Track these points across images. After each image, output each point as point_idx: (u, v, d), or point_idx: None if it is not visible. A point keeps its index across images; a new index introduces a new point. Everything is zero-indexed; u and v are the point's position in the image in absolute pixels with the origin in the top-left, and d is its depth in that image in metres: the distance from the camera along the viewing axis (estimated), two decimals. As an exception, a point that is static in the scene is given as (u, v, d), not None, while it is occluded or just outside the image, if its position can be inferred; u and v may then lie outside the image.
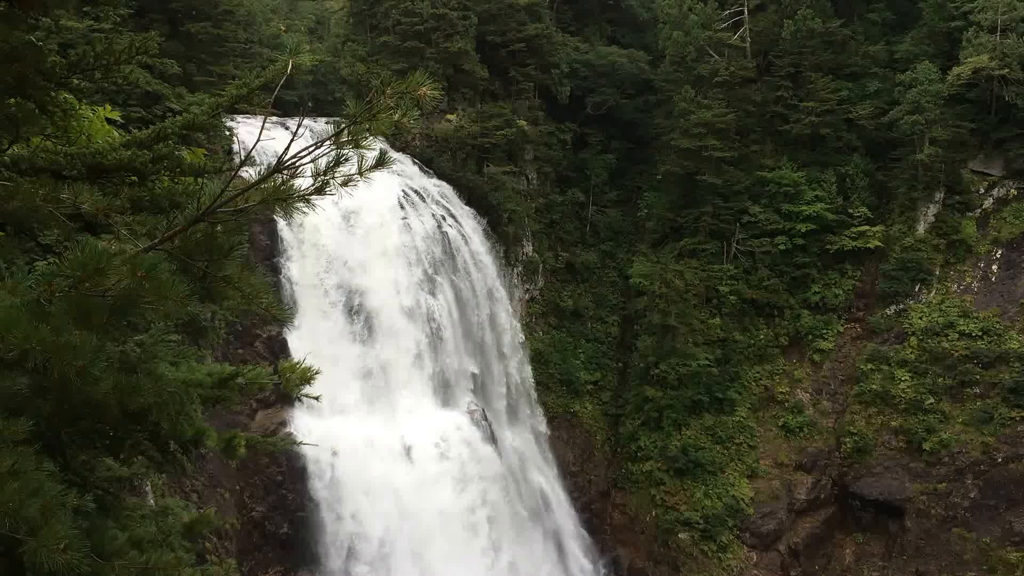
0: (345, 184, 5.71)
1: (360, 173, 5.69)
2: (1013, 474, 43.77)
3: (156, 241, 5.33)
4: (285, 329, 34.71)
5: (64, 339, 4.82)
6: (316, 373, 13.02)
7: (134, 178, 10.46)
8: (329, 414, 34.44)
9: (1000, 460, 44.12)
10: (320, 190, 5.49)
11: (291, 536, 33.49)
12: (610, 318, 53.05)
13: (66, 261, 4.82)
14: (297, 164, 5.35)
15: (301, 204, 5.54)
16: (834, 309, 50.53)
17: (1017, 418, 44.27)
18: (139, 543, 11.41)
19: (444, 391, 40.46)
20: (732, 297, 50.99)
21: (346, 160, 5.45)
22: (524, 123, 50.53)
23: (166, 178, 10.69)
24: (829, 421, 48.84)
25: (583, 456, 49.34)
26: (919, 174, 48.79)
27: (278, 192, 5.38)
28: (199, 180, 9.54)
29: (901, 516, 45.66)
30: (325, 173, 5.40)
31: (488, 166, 49.30)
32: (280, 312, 8.12)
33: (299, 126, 6.03)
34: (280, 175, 5.37)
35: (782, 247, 50.76)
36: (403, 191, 42.46)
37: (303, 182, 5.56)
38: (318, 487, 33.55)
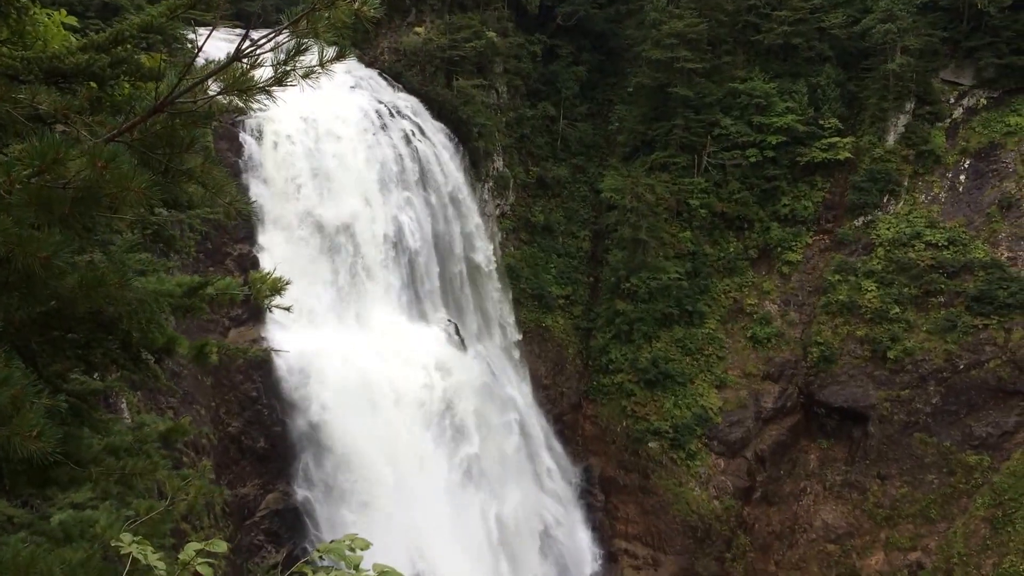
0: (306, 76, 5.61)
1: (321, 65, 5.59)
2: (974, 380, 45.02)
3: (115, 132, 5.25)
4: (255, 247, 34.51)
5: (27, 231, 4.79)
6: (287, 283, 13.01)
7: (93, 84, 10.23)
8: (302, 330, 34.55)
9: (962, 367, 45.30)
10: (280, 81, 5.39)
11: (268, 450, 33.91)
12: (581, 233, 53.18)
13: (24, 151, 4.75)
14: (257, 53, 5.25)
15: (262, 96, 5.45)
16: (803, 221, 50.94)
17: (980, 326, 45.32)
18: (115, 451, 11.57)
19: (416, 306, 40.63)
20: (703, 210, 51.21)
21: (307, 49, 5.35)
22: (493, 35, 49.60)
23: (126, 84, 10.46)
24: (796, 332, 49.72)
25: (555, 369, 50.03)
26: (890, 84, 48.71)
27: (238, 83, 5.29)
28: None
29: (864, 422, 46.99)
30: (285, 62, 5.30)
31: (457, 80, 48.54)
32: (245, 207, 8.07)
33: (257, 19, 5.89)
34: (240, 64, 5.27)
35: (753, 159, 50.81)
36: (372, 106, 41.81)
37: (264, 73, 5.46)
38: (293, 402, 33.85)
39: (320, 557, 6.90)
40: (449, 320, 42.68)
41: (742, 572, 46.76)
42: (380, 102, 42.77)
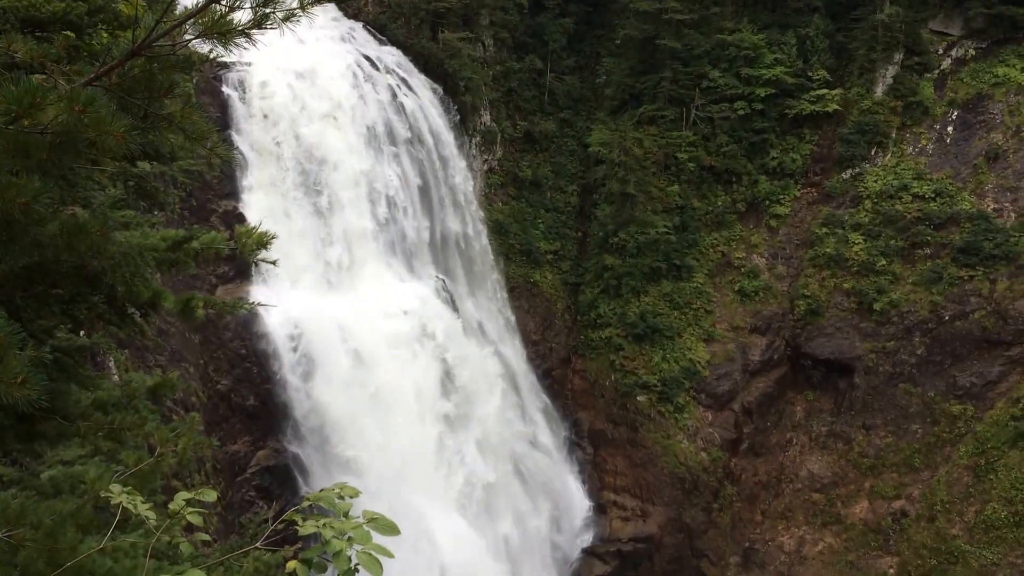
0: (287, 19, 5.51)
1: (302, 7, 5.49)
2: (959, 331, 45.41)
3: (92, 76, 5.15)
4: (240, 203, 34.27)
5: (5, 177, 4.71)
6: (272, 237, 12.94)
7: (70, 33, 10.04)
8: (289, 287, 34.49)
9: (947, 318, 45.67)
10: (260, 23, 5.29)
11: (258, 407, 34.00)
12: (569, 187, 52.99)
13: (1, 97, 4.66)
14: (236, -7, 5.15)
15: (241, 39, 5.35)
16: (791, 174, 50.88)
17: (965, 277, 45.60)
18: (103, 406, 11.55)
19: (405, 262, 40.54)
20: (691, 164, 51.08)
21: (287, -9, 5.25)
22: (479, -15, 48.93)
23: (104, 32, 10.27)
24: (784, 285, 49.92)
25: (544, 324, 50.17)
26: (879, 35, 48.39)
27: (216, 25, 5.19)
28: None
29: (850, 374, 47.44)
30: (264, 4, 5.20)
31: (443, 32, 47.92)
32: (226, 154, 7.98)
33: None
34: (218, 6, 5.17)
35: (741, 112, 50.55)
36: (357, 60, 41.29)
37: (243, 16, 5.36)
38: (282, 358, 33.88)
39: (310, 505, 6.93)
40: (438, 277, 42.64)
41: (729, 522, 47.45)
42: (365, 56, 42.24)
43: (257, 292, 33.25)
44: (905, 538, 43.52)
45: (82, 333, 15.23)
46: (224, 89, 35.00)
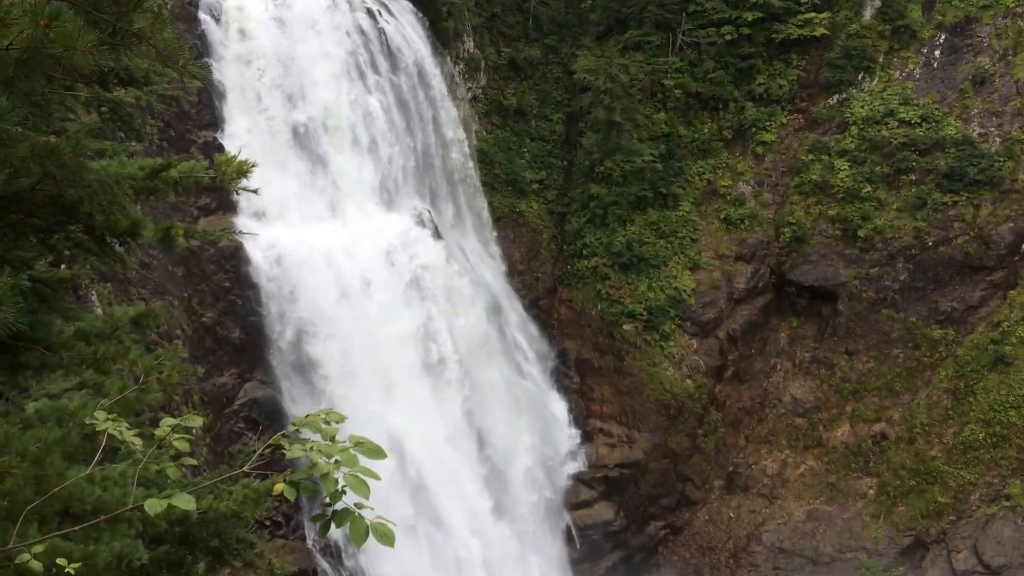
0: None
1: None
2: (942, 257, 45.69)
3: (55, -12, 4.93)
4: (220, 133, 33.74)
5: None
6: (252, 166, 12.71)
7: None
8: (271, 219, 34.21)
9: (930, 244, 45.89)
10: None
11: (244, 340, 34.01)
12: (554, 115, 52.38)
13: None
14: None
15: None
16: (778, 100, 50.45)
17: (949, 203, 45.69)
18: (86, 336, 11.48)
19: (389, 194, 40.20)
20: (677, 91, 50.53)
21: None
22: (460, -94, 47.52)
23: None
24: (769, 212, 49.91)
25: (530, 254, 50.11)
26: (868, -43, 47.58)
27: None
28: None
29: (834, 300, 47.82)
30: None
31: (424, -44, 46.69)
32: (200, 72, 7.76)
33: None
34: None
35: (728, 37, 49.85)
36: (335, -15, 40.23)
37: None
38: (266, 290, 33.78)
39: (296, 430, 6.93)
40: (422, 207, 42.35)
41: (713, 447, 48.27)
42: (344, -19, 41.15)
43: (240, 224, 32.96)
44: (885, 460, 44.44)
45: (63, 267, 15.07)
46: (199, 14, 34.14)
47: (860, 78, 48.59)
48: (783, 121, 50.40)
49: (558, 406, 48.49)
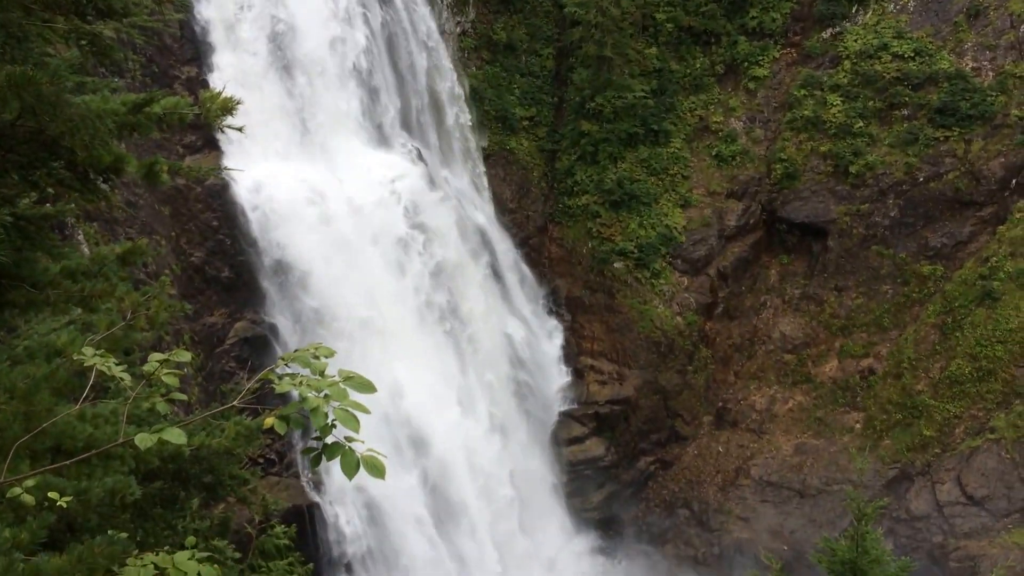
0: None
1: None
2: (932, 192, 45.66)
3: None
4: (204, 69, 33.15)
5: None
6: (238, 102, 12.48)
7: None
8: (258, 156, 33.83)
9: (921, 180, 45.80)
10: None
11: (233, 279, 33.90)
12: (545, 51, 51.57)
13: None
14: None
15: None
16: (771, 34, 49.78)
17: (940, 138, 45.49)
18: (73, 274, 11.39)
19: (378, 131, 39.76)
20: (669, 25, 49.79)
21: None
22: None
23: None
24: (761, 149, 49.64)
25: (520, 192, 49.82)
26: None
27: None
28: None
29: (824, 237, 47.86)
30: None
31: None
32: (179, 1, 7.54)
33: None
34: None
35: (721, -31, 49.03)
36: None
37: None
38: (254, 229, 33.57)
39: (286, 365, 6.91)
40: (411, 144, 41.94)
41: (703, 383, 48.73)
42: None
43: (226, 162, 32.58)
44: (872, 395, 44.98)
45: (47, 206, 14.87)
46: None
47: (854, 11, 47.93)
48: (776, 56, 49.82)
49: (549, 344, 48.74)
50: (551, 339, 48.89)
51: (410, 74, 42.32)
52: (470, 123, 46.97)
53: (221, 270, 33.68)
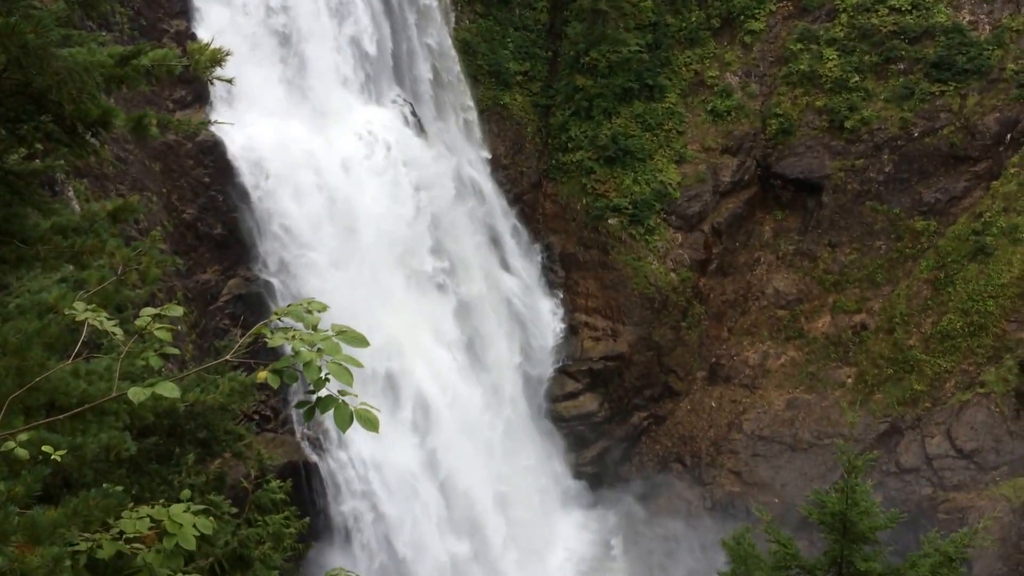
0: None
1: None
2: (927, 147, 45.52)
3: None
4: (193, 22, 32.66)
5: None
6: (227, 54, 12.30)
7: None
8: (249, 112, 33.49)
9: (916, 135, 45.63)
10: None
11: (226, 236, 33.73)
12: (539, 3, 50.83)
13: None
14: None
15: None
16: (768, -14, 49.23)
17: (936, 92, 45.24)
18: (63, 230, 11.30)
19: (368, 85, 39.33)
20: (664, -23, 49.17)
21: None
22: None
23: None
24: (756, 104, 49.31)
25: (514, 148, 49.49)
26: None
27: None
28: None
29: (819, 193, 47.79)
30: None
31: None
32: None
33: None
34: None
35: (717, -81, 48.29)
36: None
37: None
38: (247, 185, 33.33)
39: (279, 319, 6.90)
40: (404, 100, 41.55)
41: (696, 339, 48.93)
42: None
43: (216, 117, 32.26)
44: (864, 350, 45.24)
45: (36, 161, 14.73)
46: None
47: (852, -37, 47.35)
48: (772, 9, 49.27)
49: (544, 301, 48.80)
50: (545, 296, 48.94)
51: (403, 28, 41.77)
52: (464, 78, 46.51)
53: (213, 227, 33.51)
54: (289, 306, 6.80)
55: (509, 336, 45.56)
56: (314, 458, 34.33)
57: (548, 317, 48.73)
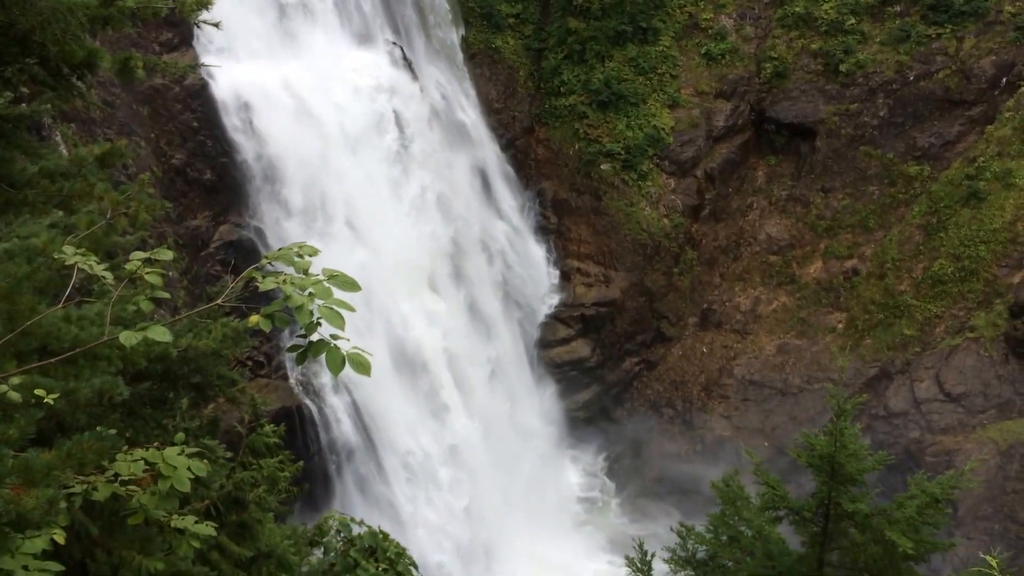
0: None
1: None
2: (922, 91, 45.18)
3: None
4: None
5: None
6: (214, -4, 12.10)
7: None
8: (236, 55, 33.01)
9: (912, 78, 45.25)
10: None
11: (216, 181, 33.46)
12: (531, -55, 49.95)
13: None
14: None
15: None
16: (763, -74, 48.36)
17: (932, 35, 44.77)
18: (51, 175, 11.20)
19: (360, 29, 38.74)
20: (658, -84, 48.21)
21: None
22: None
23: None
24: (751, 47, 48.75)
25: (506, 93, 48.98)
26: None
27: None
28: None
29: (813, 137, 47.52)
30: None
31: None
32: None
33: None
34: None
35: None
36: None
37: None
38: (234, 130, 32.98)
39: (269, 263, 6.86)
40: (394, 43, 40.97)
41: (688, 285, 49.02)
42: None
43: (203, 60, 31.76)
44: (855, 295, 45.43)
45: (23, 106, 14.53)
46: None
47: (850, -98, 46.49)
48: (768, -51, 48.46)
49: (535, 246, 48.73)
50: (537, 241, 48.87)
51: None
52: (455, 20, 45.80)
53: (203, 172, 33.22)
54: (280, 250, 6.76)
55: (500, 280, 45.55)
56: (308, 403, 34.51)
57: (540, 263, 48.72)
